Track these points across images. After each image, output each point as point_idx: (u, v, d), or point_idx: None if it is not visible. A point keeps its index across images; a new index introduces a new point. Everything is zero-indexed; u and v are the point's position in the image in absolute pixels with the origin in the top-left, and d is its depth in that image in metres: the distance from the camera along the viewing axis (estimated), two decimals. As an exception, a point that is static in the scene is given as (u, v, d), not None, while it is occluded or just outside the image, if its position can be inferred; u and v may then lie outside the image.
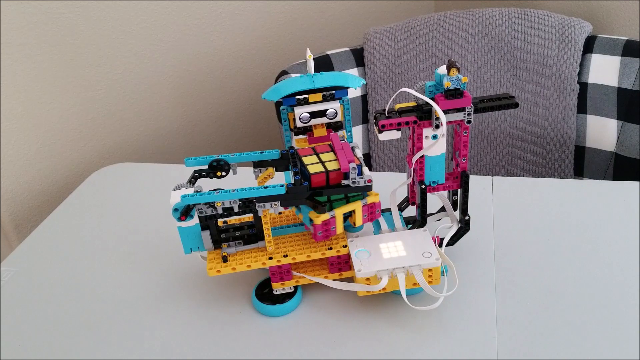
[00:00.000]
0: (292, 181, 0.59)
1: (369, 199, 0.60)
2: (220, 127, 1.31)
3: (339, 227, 0.60)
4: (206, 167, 0.63)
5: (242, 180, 0.88)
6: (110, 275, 0.73)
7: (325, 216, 0.59)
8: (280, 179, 0.83)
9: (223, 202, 0.58)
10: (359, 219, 0.60)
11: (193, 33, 1.18)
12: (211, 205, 0.59)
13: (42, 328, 0.66)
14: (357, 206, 0.60)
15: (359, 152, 0.62)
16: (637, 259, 0.68)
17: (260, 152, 0.63)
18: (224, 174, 0.62)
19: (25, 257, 0.78)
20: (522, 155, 1.13)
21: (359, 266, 0.59)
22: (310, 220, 0.59)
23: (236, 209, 0.59)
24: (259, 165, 0.64)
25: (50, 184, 1.07)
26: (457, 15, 1.13)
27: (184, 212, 0.59)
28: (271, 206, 0.59)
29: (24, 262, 0.77)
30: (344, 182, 0.58)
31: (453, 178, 0.66)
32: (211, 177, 0.63)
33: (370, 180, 0.58)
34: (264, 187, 0.58)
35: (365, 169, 0.58)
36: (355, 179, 0.58)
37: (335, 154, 0.60)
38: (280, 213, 0.70)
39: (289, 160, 0.63)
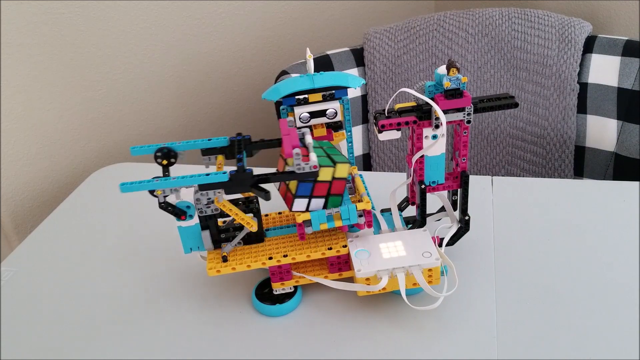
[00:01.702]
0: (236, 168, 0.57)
1: (360, 206, 0.60)
2: (220, 127, 1.31)
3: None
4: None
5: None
6: (110, 275, 0.73)
7: (306, 215, 0.58)
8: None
9: (164, 190, 0.57)
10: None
11: (193, 33, 1.18)
12: (211, 205, 0.59)
13: (42, 328, 0.66)
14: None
15: (309, 138, 0.59)
16: (637, 259, 0.68)
17: (208, 140, 0.61)
18: (173, 161, 0.60)
19: (25, 257, 0.78)
20: (522, 155, 1.13)
21: (359, 266, 0.59)
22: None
23: (181, 198, 0.57)
24: (207, 153, 0.62)
25: (50, 184, 1.07)
26: (457, 15, 1.13)
27: (182, 212, 0.59)
28: (215, 194, 0.58)
29: (24, 262, 0.77)
30: (288, 168, 0.56)
31: (453, 178, 0.66)
32: (157, 163, 0.61)
33: (315, 167, 0.56)
34: (206, 175, 0.56)
35: (312, 155, 0.56)
36: (300, 164, 0.56)
37: (280, 140, 0.58)
38: (280, 213, 0.70)
39: (235, 147, 0.61)
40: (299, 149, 0.55)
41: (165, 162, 0.60)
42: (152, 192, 0.58)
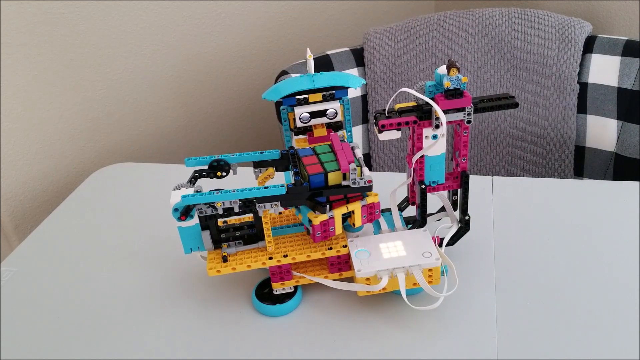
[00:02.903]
0: (292, 181, 0.59)
1: (369, 200, 0.60)
2: (220, 127, 1.31)
3: (338, 228, 0.60)
4: (206, 167, 0.63)
5: (242, 180, 0.88)
6: (110, 275, 0.73)
7: (324, 217, 0.59)
8: (280, 179, 0.83)
9: (223, 203, 0.58)
10: (358, 219, 0.60)
11: (193, 33, 1.18)
12: (211, 205, 0.59)
13: (42, 328, 0.66)
14: (356, 207, 0.60)
15: (359, 153, 0.62)
16: (637, 259, 0.68)
17: (261, 152, 0.63)
18: (224, 174, 0.63)
19: (25, 257, 0.78)
20: (522, 155, 1.13)
21: (359, 266, 0.59)
22: (309, 220, 0.59)
23: (236, 210, 0.59)
24: (259, 165, 0.64)
25: (50, 184, 1.07)
26: (457, 15, 1.13)
27: (184, 212, 0.59)
28: (271, 206, 0.59)
29: (24, 262, 0.77)
30: (344, 182, 0.58)
31: (453, 178, 0.66)
32: (211, 177, 0.63)
33: (370, 181, 0.58)
34: (264, 188, 0.58)
35: (365, 169, 0.58)
36: (355, 179, 0.58)
37: (335, 154, 0.60)
38: (280, 213, 0.70)
39: (288, 160, 0.63)
40: (354, 165, 0.57)
41: (219, 174, 0.62)
42: (212, 204, 0.59)
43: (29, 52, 0.97)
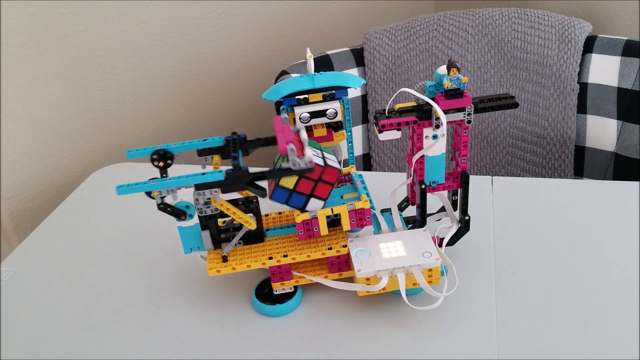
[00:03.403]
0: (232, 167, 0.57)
1: (357, 205, 0.60)
2: (220, 127, 1.31)
3: (323, 229, 0.60)
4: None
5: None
6: (110, 275, 0.73)
7: (305, 215, 0.58)
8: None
9: (160, 191, 0.57)
10: (345, 223, 0.60)
11: (193, 33, 1.18)
12: (207, 203, 0.58)
13: (42, 328, 0.66)
14: (342, 210, 0.60)
15: (303, 134, 0.59)
16: (637, 259, 0.68)
17: (204, 140, 0.61)
18: (169, 162, 0.60)
19: (25, 257, 0.78)
20: (522, 155, 1.13)
21: (359, 266, 0.59)
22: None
23: (179, 198, 0.57)
24: (202, 153, 0.62)
25: (50, 184, 1.07)
26: (457, 15, 1.13)
27: (180, 212, 0.59)
28: (211, 193, 0.58)
29: (24, 262, 0.77)
30: (284, 165, 0.56)
31: (453, 178, 0.66)
32: (154, 165, 0.61)
33: (310, 162, 0.55)
34: (202, 174, 0.56)
35: (306, 150, 0.56)
36: (294, 160, 0.55)
37: (275, 137, 0.58)
38: (280, 213, 0.70)
39: (230, 146, 0.61)
40: (293, 145, 0.55)
41: (161, 164, 0.60)
42: (149, 193, 0.58)
43: (29, 52, 0.97)
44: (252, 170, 0.57)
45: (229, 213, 0.59)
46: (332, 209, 0.60)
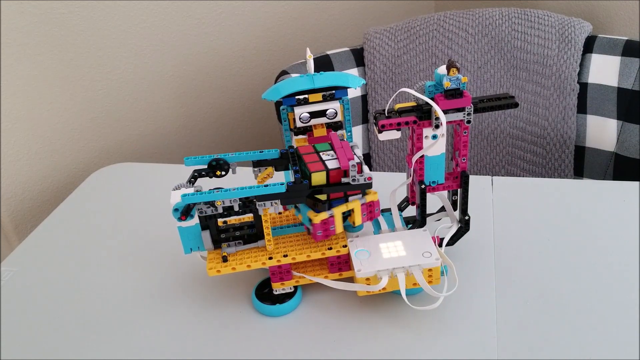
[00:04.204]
0: (292, 179, 0.59)
1: (368, 198, 0.60)
2: (220, 127, 1.31)
3: (339, 227, 0.60)
4: (205, 166, 0.63)
5: (241, 180, 0.88)
6: (110, 275, 0.73)
7: (324, 215, 0.59)
8: (279, 178, 0.83)
9: (223, 201, 0.58)
10: (358, 217, 0.60)
11: (193, 33, 1.18)
12: (211, 204, 0.59)
13: (42, 328, 0.66)
14: (355, 205, 0.60)
15: (359, 152, 0.62)
16: (637, 259, 0.68)
17: (260, 152, 0.63)
18: (223, 173, 0.63)
19: (25, 257, 0.78)
20: (522, 155, 1.13)
21: (359, 266, 0.59)
22: (309, 220, 0.59)
23: (236, 208, 0.59)
24: (258, 164, 0.64)
25: (50, 184, 1.07)
26: (457, 15, 1.13)
27: (185, 212, 0.59)
28: (271, 205, 0.59)
29: (24, 262, 0.77)
30: (344, 179, 0.58)
31: (453, 178, 0.66)
32: (210, 177, 0.63)
33: (370, 178, 0.58)
34: (264, 186, 0.58)
35: (365, 167, 0.59)
36: (355, 176, 0.58)
37: (335, 152, 0.60)
38: (280, 213, 0.70)
39: (288, 159, 0.63)
40: (354, 161, 0.57)
41: (219, 173, 0.62)
42: (212, 202, 0.59)
43: (29, 52, 0.97)
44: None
45: (264, 225, 0.61)
46: (346, 205, 0.60)
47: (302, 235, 0.65)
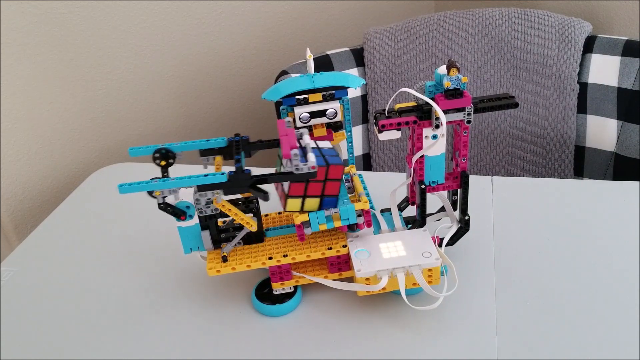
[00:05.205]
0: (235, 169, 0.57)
1: (358, 206, 0.60)
2: (220, 127, 1.31)
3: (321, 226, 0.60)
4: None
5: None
6: (110, 275, 0.73)
7: (304, 217, 0.58)
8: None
9: (162, 191, 0.57)
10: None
11: (193, 33, 1.18)
12: (209, 203, 0.58)
13: (42, 328, 0.66)
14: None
15: (307, 138, 0.59)
16: (637, 259, 0.68)
17: (207, 140, 0.62)
18: (171, 162, 0.60)
19: (25, 257, 0.78)
20: (522, 155, 1.13)
21: (359, 266, 0.59)
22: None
23: (180, 199, 0.58)
24: (205, 153, 0.62)
25: (50, 184, 1.07)
26: (457, 15, 1.13)
27: (180, 212, 0.59)
28: (213, 194, 0.58)
29: (24, 262, 0.77)
30: (287, 169, 0.56)
31: (453, 178, 0.66)
32: (155, 163, 0.61)
33: (314, 167, 0.56)
34: (204, 175, 0.56)
35: (310, 155, 0.56)
36: (298, 165, 0.55)
37: (280, 141, 0.58)
38: (280, 213, 0.70)
39: (233, 148, 0.61)
40: (297, 150, 0.55)
41: (163, 163, 0.60)
42: (150, 193, 0.58)
43: (29, 52, 0.97)
44: (255, 172, 0.57)
45: (230, 214, 0.59)
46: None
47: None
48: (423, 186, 0.65)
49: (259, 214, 0.63)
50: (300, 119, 0.63)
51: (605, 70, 1.02)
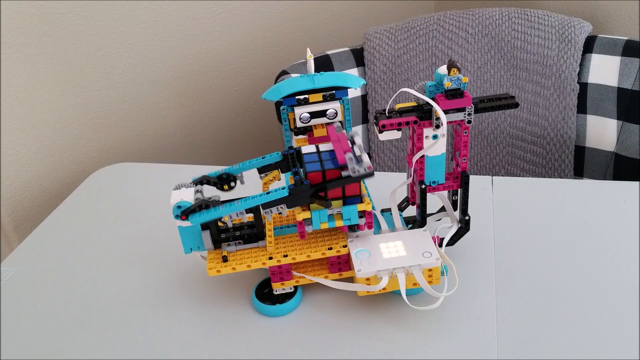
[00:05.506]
0: (293, 182, 0.58)
1: (360, 207, 0.59)
2: (220, 127, 1.31)
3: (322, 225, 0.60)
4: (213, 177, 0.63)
5: (241, 186, 0.87)
6: (110, 275, 0.73)
7: (306, 214, 0.59)
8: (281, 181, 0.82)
9: (231, 216, 0.58)
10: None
11: (193, 33, 1.18)
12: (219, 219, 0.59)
13: (42, 328, 0.66)
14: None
15: (359, 139, 0.60)
16: (637, 259, 0.68)
17: (262, 158, 0.63)
18: (233, 185, 0.63)
19: (25, 257, 0.78)
20: (522, 155, 1.13)
21: (359, 266, 0.59)
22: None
23: (245, 220, 0.60)
24: (263, 170, 0.63)
25: (50, 184, 1.07)
26: (457, 15, 1.13)
27: (186, 212, 0.59)
28: (277, 210, 0.59)
29: (24, 262, 0.77)
30: (344, 173, 0.57)
31: (453, 178, 0.66)
32: (218, 189, 0.63)
33: (370, 167, 0.56)
34: (266, 193, 0.57)
35: (364, 156, 0.57)
36: (354, 168, 0.56)
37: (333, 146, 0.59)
38: (280, 213, 0.70)
39: (289, 160, 0.62)
40: (351, 153, 0.56)
41: (226, 187, 0.62)
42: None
43: (29, 52, 0.97)
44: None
45: (267, 227, 0.61)
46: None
47: (302, 235, 0.65)
48: (423, 186, 0.65)
49: (259, 213, 0.63)
50: (300, 119, 0.63)
51: (605, 70, 1.02)
